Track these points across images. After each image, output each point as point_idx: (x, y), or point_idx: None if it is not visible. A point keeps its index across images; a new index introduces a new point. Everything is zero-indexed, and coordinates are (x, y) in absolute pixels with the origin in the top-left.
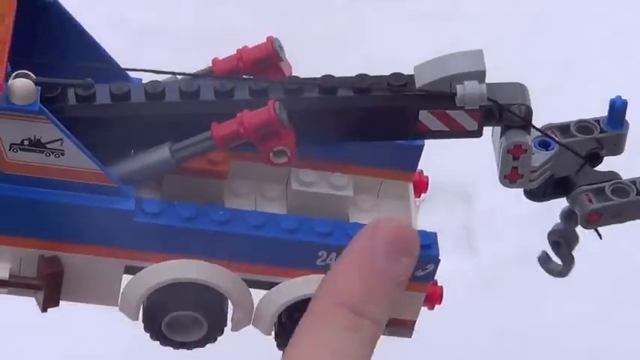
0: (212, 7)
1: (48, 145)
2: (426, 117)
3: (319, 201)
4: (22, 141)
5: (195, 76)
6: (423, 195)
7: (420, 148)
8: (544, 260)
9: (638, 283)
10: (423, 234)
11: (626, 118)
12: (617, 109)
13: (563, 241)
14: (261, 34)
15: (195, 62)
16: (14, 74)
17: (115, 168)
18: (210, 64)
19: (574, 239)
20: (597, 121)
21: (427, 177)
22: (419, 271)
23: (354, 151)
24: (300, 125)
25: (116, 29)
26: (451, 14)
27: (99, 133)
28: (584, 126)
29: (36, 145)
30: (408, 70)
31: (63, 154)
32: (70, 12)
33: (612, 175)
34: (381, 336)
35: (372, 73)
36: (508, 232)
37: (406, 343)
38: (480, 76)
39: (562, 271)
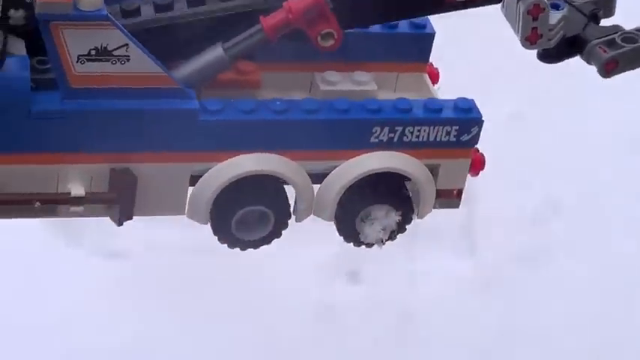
0: None
1: (114, 52)
2: None
3: (345, 96)
4: (90, 51)
5: None
6: (435, 85)
7: (432, 37)
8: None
9: (638, 283)
10: (462, 100)
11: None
12: None
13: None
14: None
15: None
16: None
17: (173, 74)
18: None
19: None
20: None
21: (437, 68)
22: (464, 135)
23: (368, 49)
24: (341, 9)
25: None
26: (451, 14)
27: (148, 45)
28: None
29: (102, 53)
30: None
31: (128, 60)
32: None
33: (617, 28)
34: (432, 209)
35: None
36: (508, 232)
37: (406, 342)
38: None
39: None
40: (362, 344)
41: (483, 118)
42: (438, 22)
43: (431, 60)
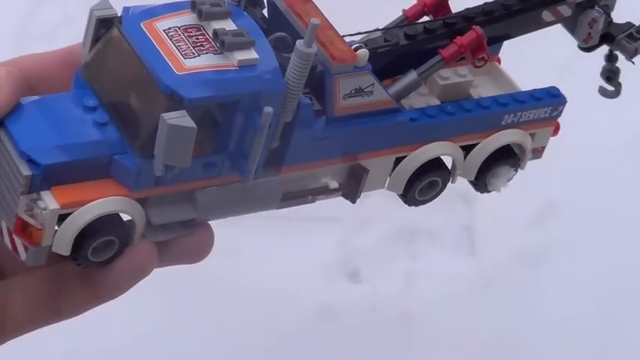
0: None
1: (365, 89)
2: (545, 14)
3: (454, 87)
4: (351, 91)
5: (412, 24)
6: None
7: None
8: (602, 90)
9: (638, 283)
10: (552, 89)
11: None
12: None
13: (612, 74)
14: None
15: None
16: (353, 47)
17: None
18: (401, 14)
19: (617, 71)
20: None
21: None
22: (555, 112)
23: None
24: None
25: None
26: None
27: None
28: None
29: (357, 91)
30: None
31: (372, 93)
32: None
33: (630, 24)
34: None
35: None
36: (508, 232)
37: (406, 342)
38: None
39: (615, 92)
40: (362, 344)
41: (566, 99)
42: None
43: None
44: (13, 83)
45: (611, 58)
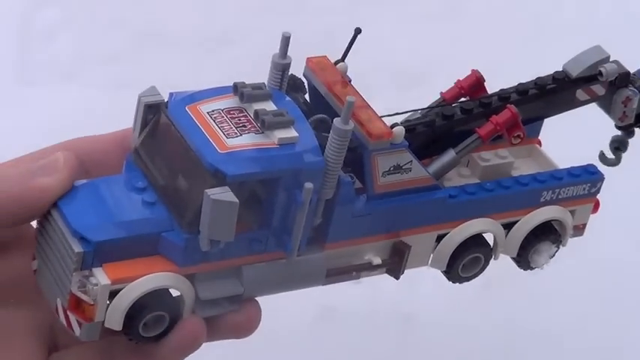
0: (212, 7)
1: (403, 167)
2: (579, 93)
3: (495, 168)
4: (390, 168)
5: (443, 105)
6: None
7: (542, 121)
8: (602, 156)
9: (637, 283)
10: (590, 167)
11: None
12: None
13: (621, 146)
14: (261, 34)
15: (195, 63)
16: (390, 125)
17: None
18: (439, 96)
19: (626, 145)
20: (634, 74)
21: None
22: (593, 188)
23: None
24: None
25: (117, 29)
26: (451, 14)
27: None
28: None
29: (397, 168)
30: (409, 69)
31: (411, 170)
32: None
33: None
34: (560, 249)
35: (371, 71)
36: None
37: (406, 342)
38: (608, 59)
39: (615, 162)
40: (362, 344)
41: (604, 176)
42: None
43: None
44: (69, 168)
45: (629, 132)
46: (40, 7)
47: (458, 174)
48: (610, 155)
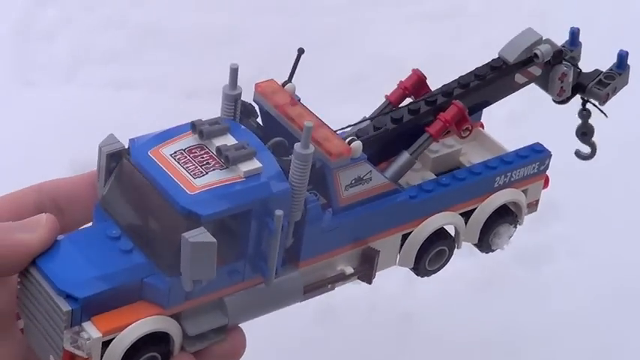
0: (212, 7)
1: (364, 177)
2: (517, 77)
3: (445, 158)
4: (352, 181)
5: (390, 111)
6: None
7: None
8: (577, 152)
9: (637, 283)
10: (536, 145)
11: None
12: (574, 34)
13: (587, 130)
14: (261, 34)
15: (195, 63)
16: (347, 140)
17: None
18: (384, 99)
19: (592, 129)
20: (564, 46)
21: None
22: (542, 166)
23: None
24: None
25: (116, 29)
26: (451, 14)
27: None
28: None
29: (357, 180)
30: (408, 68)
31: (371, 180)
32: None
33: (598, 72)
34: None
35: (372, 71)
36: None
37: (406, 342)
38: (541, 40)
39: (591, 155)
40: (362, 344)
41: (551, 152)
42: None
43: None
44: (50, 228)
45: (584, 113)
46: (40, 7)
47: (411, 169)
48: (584, 148)
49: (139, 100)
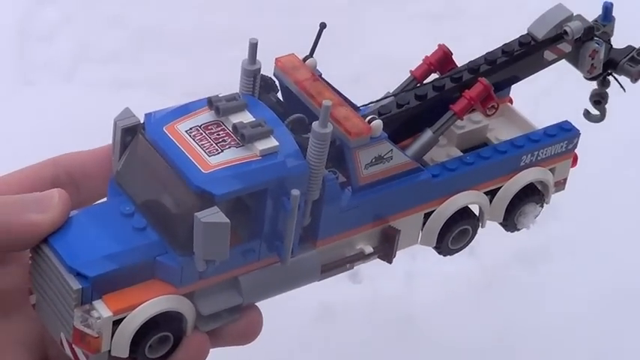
0: (212, 7)
1: (384, 156)
2: (546, 54)
3: (471, 134)
4: (372, 160)
5: (420, 86)
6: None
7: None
8: (586, 113)
9: (637, 283)
10: (564, 124)
11: None
12: (607, 9)
13: (601, 99)
14: (261, 34)
15: (195, 63)
16: (367, 119)
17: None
18: (409, 74)
19: (606, 96)
20: (596, 21)
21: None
22: (570, 144)
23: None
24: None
25: (116, 29)
26: (451, 14)
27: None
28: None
29: (377, 159)
30: (408, 68)
31: (392, 158)
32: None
33: (631, 48)
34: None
35: (372, 71)
36: (508, 232)
37: (406, 342)
38: (572, 17)
39: (600, 118)
40: (362, 344)
41: (579, 131)
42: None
43: None
44: (63, 206)
45: (604, 82)
46: (40, 7)
47: (436, 145)
48: (594, 111)
49: (139, 100)
